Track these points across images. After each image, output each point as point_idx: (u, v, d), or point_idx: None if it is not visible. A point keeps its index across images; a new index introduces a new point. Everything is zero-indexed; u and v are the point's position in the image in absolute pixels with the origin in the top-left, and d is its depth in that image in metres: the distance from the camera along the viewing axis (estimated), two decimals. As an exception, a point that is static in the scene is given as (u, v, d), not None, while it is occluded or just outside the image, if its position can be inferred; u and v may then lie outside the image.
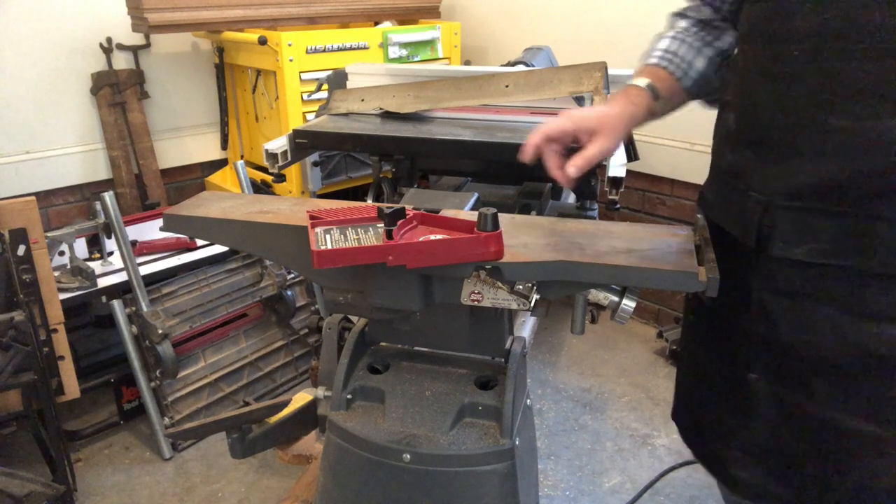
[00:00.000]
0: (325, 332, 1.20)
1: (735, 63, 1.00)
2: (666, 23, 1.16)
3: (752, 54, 0.93)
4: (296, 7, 2.84)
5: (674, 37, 1.11)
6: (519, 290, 0.89)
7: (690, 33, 1.10)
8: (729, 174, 1.00)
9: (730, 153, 1.00)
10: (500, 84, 1.80)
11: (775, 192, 0.89)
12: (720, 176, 1.04)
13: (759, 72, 0.91)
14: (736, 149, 0.98)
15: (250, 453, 1.17)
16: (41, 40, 2.64)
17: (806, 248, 0.88)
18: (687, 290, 0.90)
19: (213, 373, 2.39)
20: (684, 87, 1.10)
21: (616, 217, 2.10)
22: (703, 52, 1.09)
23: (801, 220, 0.87)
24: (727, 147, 1.01)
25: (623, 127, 1.00)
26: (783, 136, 0.88)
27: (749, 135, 0.95)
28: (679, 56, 1.09)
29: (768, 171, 0.90)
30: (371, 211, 0.94)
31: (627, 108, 1.03)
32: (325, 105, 2.05)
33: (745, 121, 0.95)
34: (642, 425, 2.41)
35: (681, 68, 1.09)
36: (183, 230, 1.09)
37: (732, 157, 0.99)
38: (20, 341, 1.69)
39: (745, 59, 0.95)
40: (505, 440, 0.96)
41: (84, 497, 2.09)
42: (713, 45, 1.09)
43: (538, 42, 2.72)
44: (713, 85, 1.11)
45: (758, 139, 0.93)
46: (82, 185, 2.87)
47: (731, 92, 1.00)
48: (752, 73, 0.93)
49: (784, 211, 0.88)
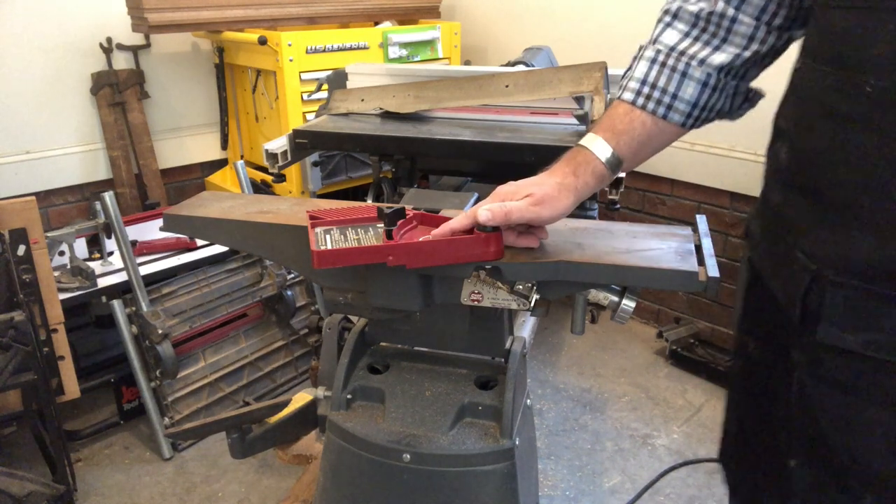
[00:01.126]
0: (325, 332, 1.20)
1: (793, 81, 0.80)
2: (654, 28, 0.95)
3: (816, 77, 0.73)
4: (296, 7, 2.84)
5: (653, 59, 0.90)
6: (519, 290, 0.89)
7: (676, 52, 0.88)
8: (778, 219, 0.81)
9: (779, 193, 0.81)
10: (500, 84, 1.80)
11: (828, 261, 0.71)
12: (767, 214, 0.85)
13: (822, 102, 0.72)
14: (787, 190, 0.79)
15: (250, 453, 1.18)
16: (41, 40, 2.64)
17: (862, 337, 0.69)
18: (687, 290, 0.89)
19: (213, 373, 2.39)
20: (674, 122, 0.90)
21: (616, 217, 2.10)
22: (690, 76, 0.87)
23: (859, 304, 0.69)
24: (777, 184, 0.82)
25: (562, 198, 0.86)
26: (842, 194, 0.69)
27: (803, 179, 0.75)
28: (658, 88, 0.88)
29: (822, 233, 0.72)
30: (371, 211, 0.94)
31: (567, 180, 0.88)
32: (325, 105, 2.05)
33: (798, 160, 0.76)
34: (642, 425, 2.41)
35: (663, 104, 0.88)
36: (183, 230, 1.09)
37: (782, 199, 0.80)
38: (20, 341, 1.69)
39: (807, 80, 0.75)
40: (505, 440, 0.96)
41: (84, 497, 2.09)
42: (707, 62, 0.87)
43: (538, 42, 2.72)
44: (717, 108, 0.91)
45: (813, 188, 0.73)
46: (82, 185, 2.87)
47: (786, 118, 0.80)
48: (813, 104, 0.74)
49: (836, 289, 0.70)
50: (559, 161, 0.91)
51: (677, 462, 2.18)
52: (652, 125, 0.90)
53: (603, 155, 0.89)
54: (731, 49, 0.87)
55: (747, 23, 0.85)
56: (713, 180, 2.67)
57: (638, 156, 0.92)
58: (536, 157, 1.61)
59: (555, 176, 0.89)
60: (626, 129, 0.90)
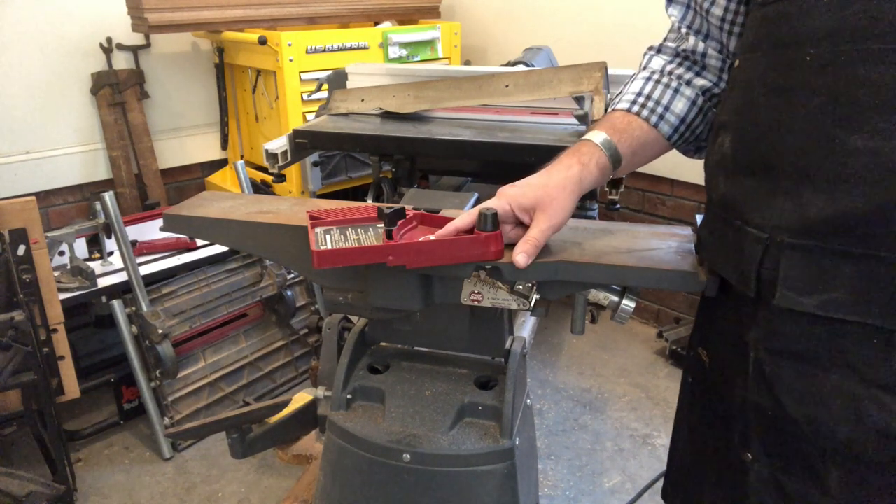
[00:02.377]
0: (325, 332, 1.20)
1: (734, 78, 0.85)
2: (642, 59, 1.04)
3: (756, 64, 0.78)
4: (296, 7, 2.85)
5: (648, 78, 0.98)
6: (519, 290, 0.89)
7: (666, 73, 0.97)
8: (723, 207, 0.83)
9: (724, 182, 0.83)
10: (500, 84, 1.80)
11: (780, 229, 0.72)
12: (713, 210, 0.87)
13: (764, 83, 0.75)
14: (732, 177, 0.82)
15: (250, 453, 1.18)
16: (41, 40, 2.64)
17: (819, 298, 0.69)
18: (687, 290, 0.89)
19: (213, 373, 2.39)
20: (663, 133, 0.96)
21: (616, 217, 2.11)
22: (681, 93, 0.95)
23: (814, 263, 0.69)
24: (721, 175, 0.84)
25: (567, 197, 0.88)
26: (792, 161, 0.72)
27: (749, 160, 0.78)
28: (653, 99, 0.95)
29: (772, 203, 0.73)
30: (371, 211, 0.94)
31: (572, 170, 0.90)
32: (325, 105, 2.05)
33: (744, 143, 0.79)
34: (642, 425, 2.41)
35: (656, 112, 0.95)
36: (183, 230, 1.09)
37: (727, 188, 0.82)
38: (20, 341, 1.69)
39: (747, 70, 0.80)
40: (505, 440, 0.96)
41: (84, 497, 2.09)
42: (693, 83, 0.96)
43: (538, 42, 2.72)
44: (697, 131, 0.98)
45: (760, 165, 0.76)
46: (82, 185, 2.87)
47: (728, 110, 0.84)
48: (755, 86, 0.77)
49: (792, 251, 0.71)
50: (562, 154, 0.94)
51: (677, 462, 2.18)
52: (647, 130, 0.96)
53: (607, 148, 0.93)
54: (709, 76, 0.96)
55: (715, 56, 0.95)
56: (713, 180, 2.67)
57: (634, 158, 0.96)
58: (536, 157, 1.61)
59: (559, 170, 0.91)
60: (625, 129, 0.95)
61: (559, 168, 0.91)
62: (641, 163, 0.99)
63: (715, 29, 0.93)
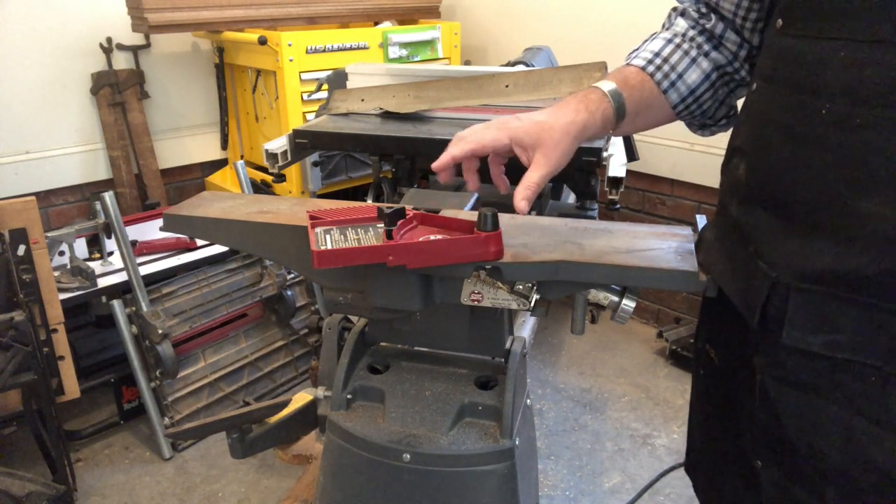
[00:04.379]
0: (325, 332, 1.20)
1: (749, 104, 0.82)
2: (665, 18, 1.01)
3: (772, 99, 0.75)
4: (296, 7, 2.85)
5: (669, 39, 0.95)
6: (519, 290, 0.89)
7: (688, 38, 0.94)
8: (734, 228, 0.81)
9: (737, 206, 0.81)
10: (500, 84, 1.80)
11: (790, 272, 0.72)
12: (725, 223, 0.85)
13: (779, 125, 0.73)
14: (746, 204, 0.80)
15: (250, 453, 1.17)
16: (41, 40, 2.64)
17: (824, 338, 0.71)
18: (687, 290, 0.89)
19: (213, 373, 2.39)
20: (670, 101, 0.95)
21: (616, 217, 2.10)
22: (698, 64, 0.93)
23: (820, 307, 0.70)
24: (735, 198, 0.82)
25: (569, 141, 0.87)
26: (803, 210, 0.71)
27: (762, 194, 0.77)
28: (669, 63, 0.93)
29: (785, 243, 0.73)
30: (371, 211, 0.94)
31: (579, 116, 0.88)
32: (325, 105, 2.05)
33: (757, 176, 0.78)
34: (642, 425, 2.41)
35: (669, 78, 0.93)
36: (183, 230, 1.09)
37: (740, 213, 0.80)
38: (20, 341, 1.69)
39: (763, 102, 0.77)
40: (505, 440, 0.96)
41: (84, 497, 2.10)
42: (710, 56, 0.93)
43: (538, 42, 2.72)
44: (704, 106, 0.97)
45: (773, 202, 0.75)
46: (82, 185, 2.87)
47: (743, 137, 0.82)
48: (770, 125, 0.75)
49: (798, 293, 0.71)
50: (570, 97, 0.92)
51: (677, 462, 2.18)
52: (656, 95, 0.94)
53: (616, 100, 0.91)
54: (725, 53, 0.94)
55: (732, 40, 0.93)
56: (713, 180, 2.65)
57: (637, 118, 0.94)
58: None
59: (566, 113, 0.89)
60: (636, 86, 0.93)
61: (566, 111, 0.89)
62: (641, 127, 0.98)
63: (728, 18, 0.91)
